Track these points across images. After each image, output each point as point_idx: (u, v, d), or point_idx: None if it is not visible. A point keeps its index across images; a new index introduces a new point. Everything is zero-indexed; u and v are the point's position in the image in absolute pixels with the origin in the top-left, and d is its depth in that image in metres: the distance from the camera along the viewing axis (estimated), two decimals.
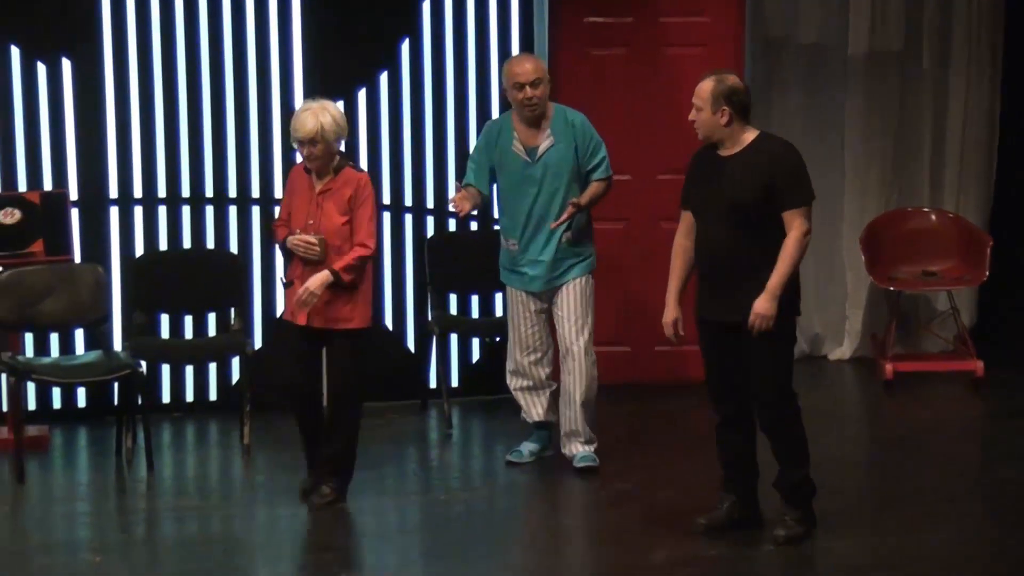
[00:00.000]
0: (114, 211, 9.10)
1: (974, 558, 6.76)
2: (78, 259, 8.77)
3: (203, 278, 8.93)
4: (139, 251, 9.09)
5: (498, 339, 9.17)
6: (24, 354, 8.56)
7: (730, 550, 6.75)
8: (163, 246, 9.14)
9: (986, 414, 9.50)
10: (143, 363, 8.40)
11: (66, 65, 8.97)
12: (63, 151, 9.00)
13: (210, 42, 9.12)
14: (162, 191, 9.14)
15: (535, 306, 7.95)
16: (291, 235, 7.26)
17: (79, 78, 8.98)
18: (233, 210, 9.22)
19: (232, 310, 8.90)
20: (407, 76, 9.39)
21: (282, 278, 7.54)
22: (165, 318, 9.12)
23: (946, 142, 10.69)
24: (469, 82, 9.47)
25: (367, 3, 9.31)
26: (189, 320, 9.16)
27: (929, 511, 7.35)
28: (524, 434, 8.22)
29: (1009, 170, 10.82)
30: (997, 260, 9.98)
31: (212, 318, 9.14)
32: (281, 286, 7.58)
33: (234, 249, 9.19)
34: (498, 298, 9.34)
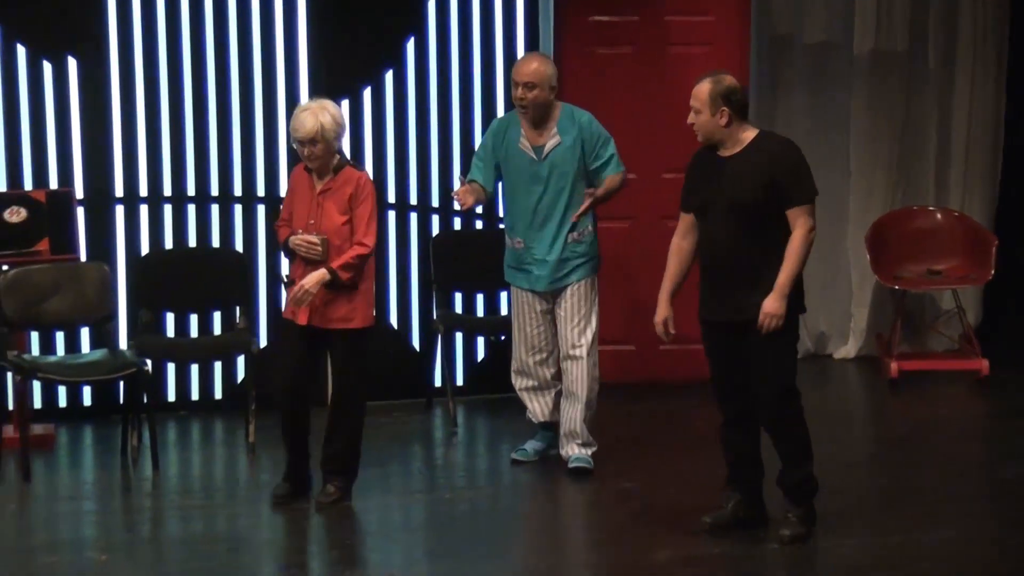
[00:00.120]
0: (119, 210, 9.11)
1: (978, 557, 6.75)
2: (84, 258, 8.77)
3: (208, 277, 8.94)
4: (144, 250, 9.09)
5: (503, 338, 9.18)
6: (30, 353, 8.56)
7: (735, 549, 6.75)
8: (168, 245, 9.15)
9: (991, 413, 9.50)
10: (148, 362, 8.40)
11: (72, 64, 8.98)
12: (69, 150, 9.01)
13: (215, 41, 9.13)
14: (167, 190, 9.15)
15: (540, 306, 7.95)
16: (293, 235, 7.27)
17: (85, 77, 8.99)
18: (238, 209, 9.23)
19: (237, 309, 8.91)
20: (412, 75, 9.39)
21: (284, 276, 7.54)
22: (170, 317, 9.13)
23: (951, 141, 10.70)
24: (474, 81, 9.48)
25: (372, 2, 9.32)
26: (194, 319, 9.17)
27: (933, 510, 7.35)
28: (529, 432, 8.23)
29: (1014, 169, 10.82)
30: (1002, 259, 9.99)
31: (217, 317, 9.15)
32: (283, 285, 7.55)
33: (239, 248, 9.19)
34: (503, 297, 9.35)
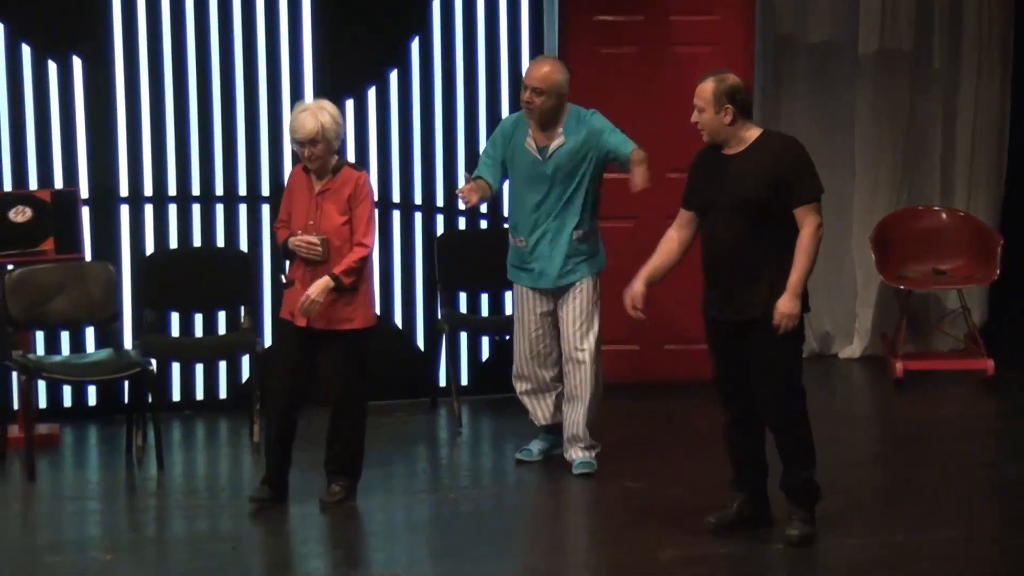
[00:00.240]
0: (124, 209, 9.11)
1: (981, 557, 6.75)
2: (89, 257, 8.78)
3: (213, 276, 8.94)
4: (149, 249, 9.10)
5: (508, 337, 9.15)
6: (35, 352, 8.58)
7: (740, 548, 6.75)
8: (173, 244, 9.15)
9: (996, 413, 9.50)
10: (153, 361, 8.40)
11: (77, 63, 8.98)
12: (74, 149, 9.01)
13: (220, 40, 9.13)
14: (172, 190, 9.15)
15: (541, 308, 7.92)
16: (292, 236, 7.26)
17: (90, 77, 8.99)
18: (243, 208, 9.23)
19: (242, 308, 8.91)
20: (417, 74, 9.39)
21: (283, 277, 7.51)
22: (175, 316, 9.13)
23: (956, 141, 10.69)
24: (479, 80, 9.48)
25: (377, 2, 9.32)
26: (199, 318, 9.18)
27: (937, 510, 7.35)
28: (534, 432, 8.22)
29: (1020, 169, 10.81)
30: (1008, 259, 9.98)
31: (222, 316, 9.15)
32: (282, 285, 7.52)
33: (244, 247, 9.20)
34: (507, 296, 9.33)
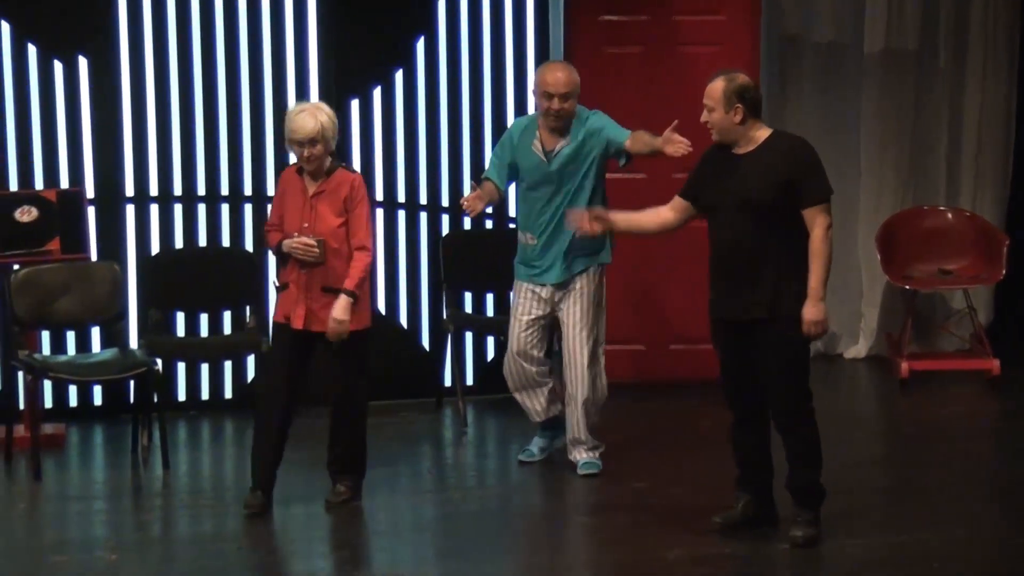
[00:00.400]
0: (130, 209, 9.12)
1: (986, 557, 6.74)
2: (94, 257, 8.79)
3: (218, 276, 8.95)
4: (155, 249, 9.11)
5: None
6: (41, 352, 8.58)
7: (745, 548, 6.75)
8: (179, 244, 9.16)
9: (1001, 413, 9.49)
10: (159, 361, 8.41)
11: (83, 63, 8.99)
12: (79, 149, 9.02)
13: (226, 41, 9.14)
14: (178, 189, 9.16)
15: (540, 310, 7.88)
16: (286, 238, 7.23)
17: (95, 76, 9.00)
18: (249, 208, 9.23)
19: (247, 308, 8.92)
20: (422, 74, 9.39)
21: (274, 281, 7.45)
22: (181, 316, 9.14)
23: (962, 141, 10.68)
24: (484, 80, 9.48)
25: (382, 1, 9.32)
26: (205, 318, 9.18)
27: (943, 509, 7.35)
28: (536, 432, 8.22)
29: None
30: (1013, 259, 9.98)
31: (228, 316, 9.16)
32: (274, 289, 7.45)
33: (249, 247, 9.20)
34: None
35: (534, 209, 7.86)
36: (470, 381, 9.54)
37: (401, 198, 9.42)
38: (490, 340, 9.62)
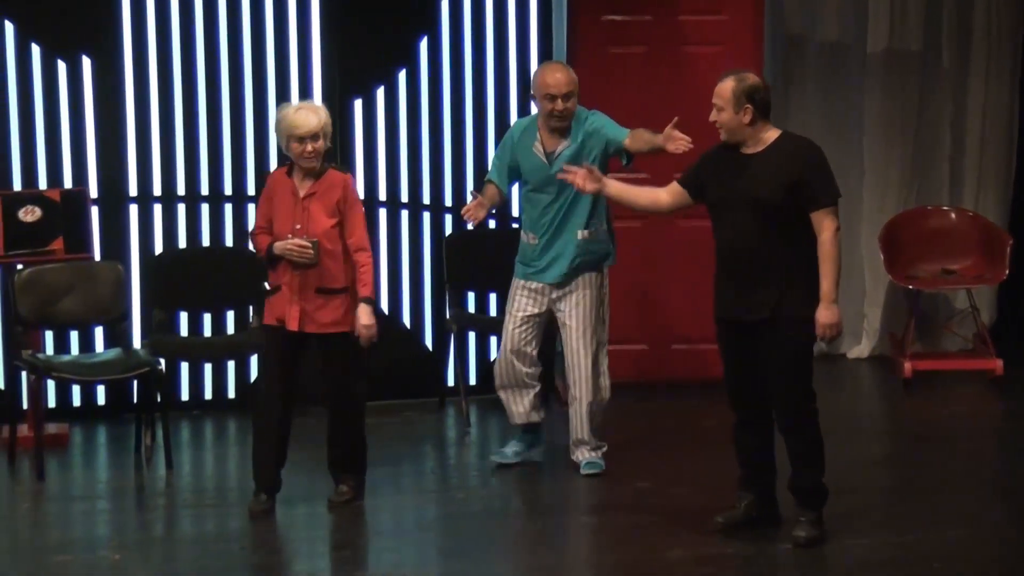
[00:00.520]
0: (133, 209, 9.13)
1: (990, 557, 6.74)
2: (98, 257, 8.79)
3: (222, 276, 8.95)
4: (158, 249, 9.12)
5: None
6: (44, 352, 8.58)
7: (747, 549, 6.75)
8: (182, 244, 9.17)
9: (1005, 413, 9.49)
10: (162, 361, 8.41)
11: (86, 63, 9.00)
12: (83, 149, 9.03)
13: (230, 40, 9.14)
14: (181, 189, 9.17)
15: (535, 308, 7.87)
16: (277, 241, 7.18)
17: (99, 76, 9.01)
18: (252, 208, 9.23)
19: (251, 308, 8.92)
20: (425, 74, 9.40)
21: (265, 285, 7.37)
22: (184, 316, 9.15)
23: (965, 141, 10.68)
24: (487, 80, 9.48)
25: (385, 1, 9.33)
26: (208, 318, 9.19)
27: (947, 509, 7.34)
28: (516, 435, 8.20)
29: None
30: (1017, 258, 9.98)
31: (231, 316, 9.16)
32: (264, 292, 7.41)
33: (252, 247, 9.19)
34: None
35: (536, 210, 7.86)
36: (473, 381, 9.54)
37: (404, 198, 9.43)
38: (493, 340, 9.61)
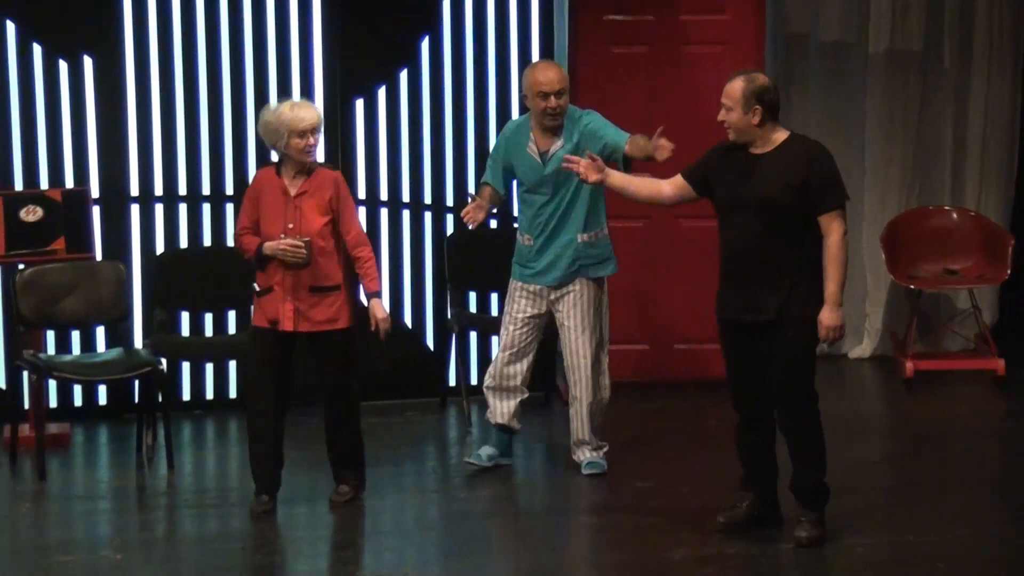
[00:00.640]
0: (135, 209, 9.13)
1: (992, 557, 6.75)
2: (99, 257, 8.79)
3: (223, 276, 8.92)
4: (160, 248, 9.12)
5: None
6: (45, 352, 8.58)
7: (749, 548, 6.75)
8: (184, 244, 9.17)
9: (1007, 412, 9.48)
10: (163, 361, 8.42)
11: (88, 63, 9.00)
12: (84, 149, 9.03)
13: (231, 40, 9.14)
14: (183, 189, 9.17)
15: (535, 309, 7.85)
16: (267, 241, 7.15)
17: (100, 76, 9.01)
18: None
19: (252, 308, 8.89)
20: (427, 74, 9.40)
21: (254, 286, 7.34)
22: (186, 316, 9.14)
23: (967, 140, 10.68)
24: (489, 80, 9.48)
25: (387, 1, 9.32)
26: (209, 318, 9.19)
27: (948, 509, 7.34)
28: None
29: None
30: (1018, 258, 9.97)
31: (232, 316, 9.16)
32: (255, 293, 7.39)
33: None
34: None
35: (531, 211, 7.85)
36: (474, 381, 9.52)
37: (406, 198, 9.43)
38: (494, 340, 9.59)
